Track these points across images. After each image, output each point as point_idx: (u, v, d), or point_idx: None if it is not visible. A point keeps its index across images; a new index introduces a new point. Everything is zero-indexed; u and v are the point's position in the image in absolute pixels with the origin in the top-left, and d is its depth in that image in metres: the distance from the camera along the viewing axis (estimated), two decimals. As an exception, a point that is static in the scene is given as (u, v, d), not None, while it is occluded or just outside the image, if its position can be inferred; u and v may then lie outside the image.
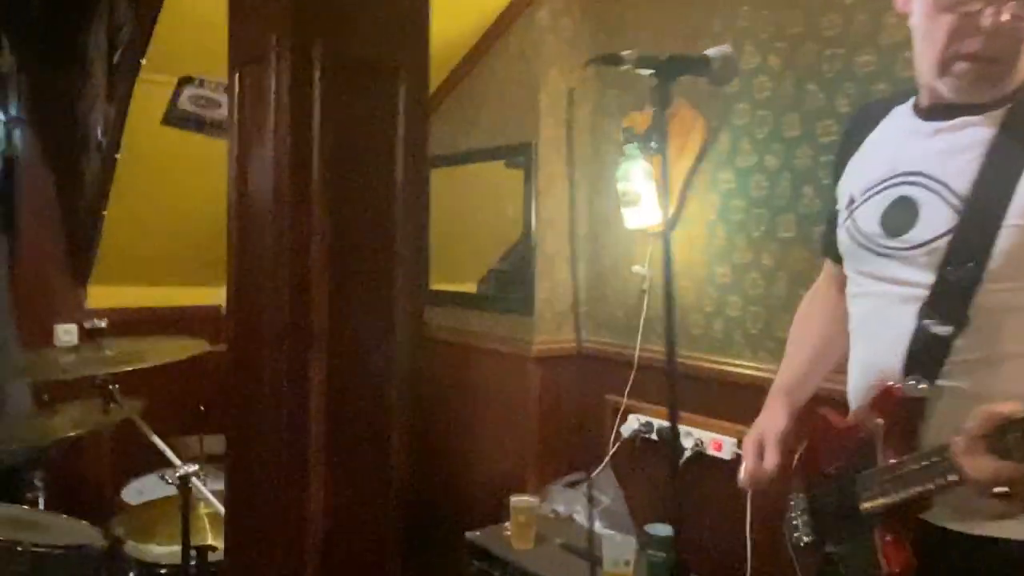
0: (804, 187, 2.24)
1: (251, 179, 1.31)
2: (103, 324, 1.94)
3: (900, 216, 1.25)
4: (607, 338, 2.85)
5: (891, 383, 1.24)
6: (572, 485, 2.83)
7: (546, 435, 2.91)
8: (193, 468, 1.90)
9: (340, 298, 1.25)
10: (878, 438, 1.26)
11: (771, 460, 1.42)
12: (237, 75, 1.33)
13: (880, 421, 1.26)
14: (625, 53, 1.24)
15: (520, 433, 2.94)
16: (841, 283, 1.47)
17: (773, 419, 1.48)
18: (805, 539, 1.45)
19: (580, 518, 2.71)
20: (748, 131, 2.38)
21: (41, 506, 2.76)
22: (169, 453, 1.89)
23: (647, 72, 1.23)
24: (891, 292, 1.27)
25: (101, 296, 3.37)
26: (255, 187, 1.30)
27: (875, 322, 1.32)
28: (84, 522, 2.32)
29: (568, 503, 2.76)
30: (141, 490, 2.90)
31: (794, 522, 1.49)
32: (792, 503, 1.51)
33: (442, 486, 3.18)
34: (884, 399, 1.26)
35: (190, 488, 1.89)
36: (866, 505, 1.26)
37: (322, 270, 1.24)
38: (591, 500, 2.70)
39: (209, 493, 1.91)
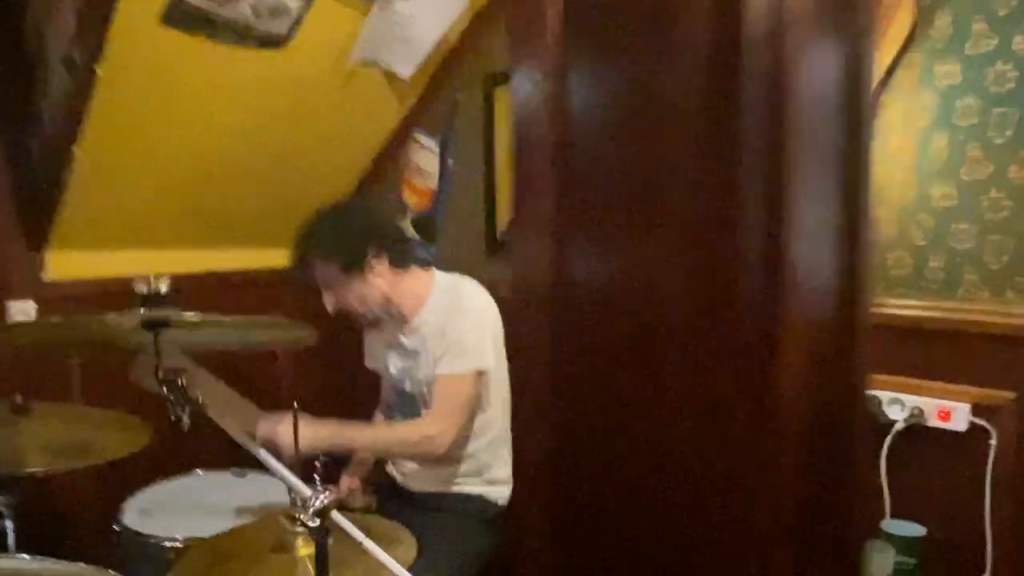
0: (1080, 74, 1.72)
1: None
2: (164, 288, 1.23)
3: None
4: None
5: None
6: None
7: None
8: (326, 495, 1.24)
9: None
10: None
11: None
12: None
13: None
14: None
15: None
16: None
17: None
18: None
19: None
20: (984, 6, 1.84)
21: (12, 542, 2.02)
22: (293, 479, 1.22)
23: None
24: None
25: (65, 265, 2.58)
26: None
27: None
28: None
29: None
30: (146, 507, 2.15)
31: None
32: None
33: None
34: None
35: (327, 528, 1.24)
36: None
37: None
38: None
39: (352, 527, 1.26)
